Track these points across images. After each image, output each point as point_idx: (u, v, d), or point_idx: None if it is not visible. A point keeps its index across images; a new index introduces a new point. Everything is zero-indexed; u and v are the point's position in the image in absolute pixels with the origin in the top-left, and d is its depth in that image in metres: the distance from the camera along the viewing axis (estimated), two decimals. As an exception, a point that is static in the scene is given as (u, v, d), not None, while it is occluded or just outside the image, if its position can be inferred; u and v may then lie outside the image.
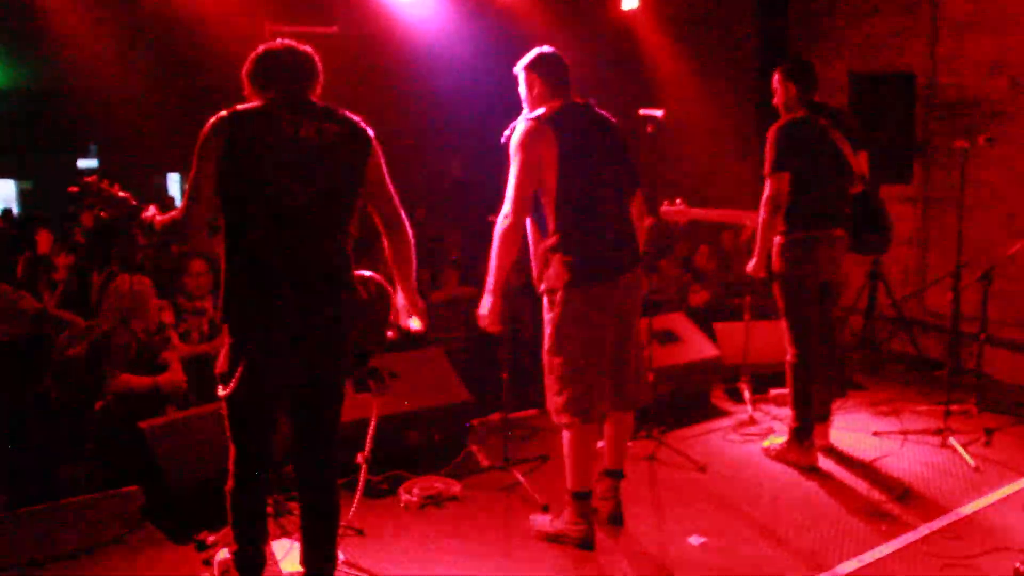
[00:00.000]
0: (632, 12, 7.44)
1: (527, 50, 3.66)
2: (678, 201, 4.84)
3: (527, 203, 3.45)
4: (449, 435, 4.62)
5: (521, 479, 4.26)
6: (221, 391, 2.74)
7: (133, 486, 3.94)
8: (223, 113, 2.68)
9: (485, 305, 3.58)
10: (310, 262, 2.72)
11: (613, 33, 7.88)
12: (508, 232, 3.46)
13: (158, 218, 2.84)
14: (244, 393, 2.70)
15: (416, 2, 6.51)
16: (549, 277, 3.51)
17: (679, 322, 5.78)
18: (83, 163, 15.63)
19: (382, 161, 2.92)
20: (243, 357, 2.68)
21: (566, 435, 3.54)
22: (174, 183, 16.36)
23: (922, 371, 6.37)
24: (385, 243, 3.02)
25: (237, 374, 2.66)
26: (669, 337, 5.52)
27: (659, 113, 4.34)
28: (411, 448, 4.46)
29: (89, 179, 2.95)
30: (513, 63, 3.66)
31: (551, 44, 3.67)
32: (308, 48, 2.87)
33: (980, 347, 5.15)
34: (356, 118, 2.87)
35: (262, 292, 2.67)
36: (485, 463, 4.51)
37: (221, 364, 2.76)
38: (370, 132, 2.87)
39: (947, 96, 6.56)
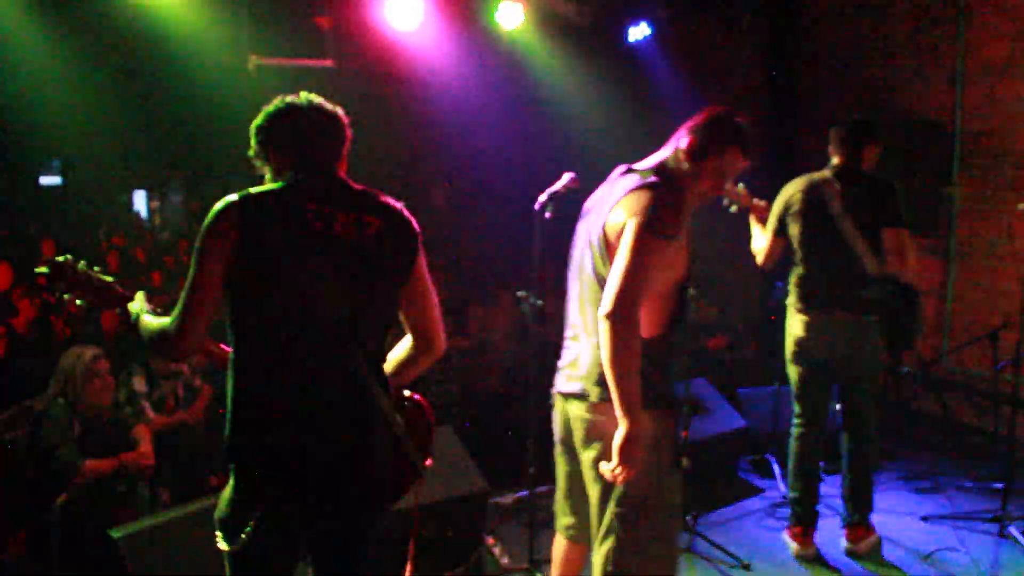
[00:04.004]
0: (639, 49, 7.05)
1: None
2: (742, 186, 4.32)
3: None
4: (464, 528, 4.09)
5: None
6: (223, 544, 2.17)
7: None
8: (233, 198, 2.09)
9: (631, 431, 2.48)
10: (342, 391, 2.16)
11: (620, 68, 7.47)
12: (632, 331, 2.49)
13: (145, 318, 2.28)
14: (255, 548, 2.14)
15: (412, 34, 6.06)
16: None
17: (702, 388, 5.33)
18: (45, 180, 14.87)
19: (425, 262, 2.35)
20: (256, 505, 2.12)
21: None
22: (140, 200, 15.71)
23: (955, 436, 6.00)
24: (403, 348, 2.45)
25: (248, 526, 2.10)
26: (694, 406, 5.07)
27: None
28: (421, 546, 3.93)
29: (61, 259, 2.39)
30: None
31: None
32: (338, 110, 2.32)
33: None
34: (399, 206, 2.29)
35: (282, 428, 2.11)
36: (506, 562, 4.00)
37: (222, 509, 2.18)
38: (416, 226, 2.31)
39: (977, 144, 6.21)
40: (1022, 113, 5.92)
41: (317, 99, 2.30)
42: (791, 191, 4.09)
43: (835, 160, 4.06)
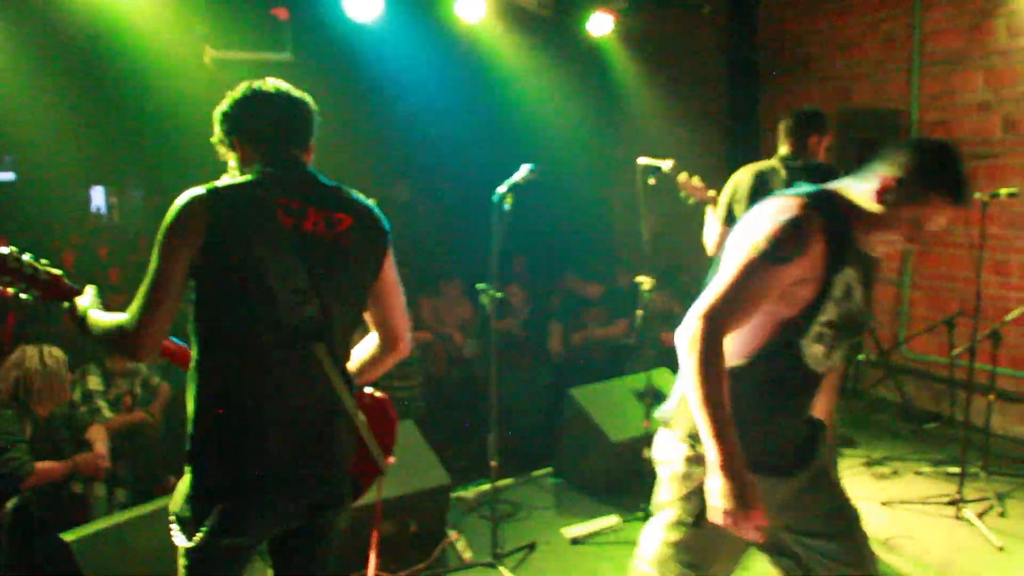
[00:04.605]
0: (602, 39, 7.03)
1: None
2: (696, 178, 4.34)
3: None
4: (426, 523, 4.07)
5: (511, 578, 3.77)
6: (180, 539, 2.11)
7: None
8: (199, 191, 2.01)
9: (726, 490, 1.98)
10: (308, 389, 2.11)
11: (581, 60, 7.45)
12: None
13: (96, 314, 2.17)
14: (213, 546, 2.06)
15: (372, 26, 5.99)
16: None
17: (665, 380, 5.33)
18: (-3, 176, 14.53)
19: (394, 262, 2.30)
20: (215, 503, 2.05)
21: None
22: (98, 195, 15.40)
23: (912, 422, 6.09)
24: (368, 347, 2.40)
25: (206, 524, 2.04)
26: (658, 398, 5.07)
27: (667, 165, 3.88)
28: (383, 541, 3.90)
29: (5, 251, 2.28)
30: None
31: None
32: (307, 97, 2.24)
33: (989, 406, 4.84)
34: (370, 203, 2.23)
35: (246, 432, 2.05)
36: (468, 556, 3.98)
37: (179, 504, 2.12)
38: (385, 224, 2.25)
39: (932, 134, 6.28)
40: (975, 104, 6.00)
41: (285, 85, 2.22)
42: (738, 178, 4.12)
43: (782, 150, 4.12)
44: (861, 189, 2.12)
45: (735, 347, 2.13)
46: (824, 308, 2.09)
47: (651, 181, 3.96)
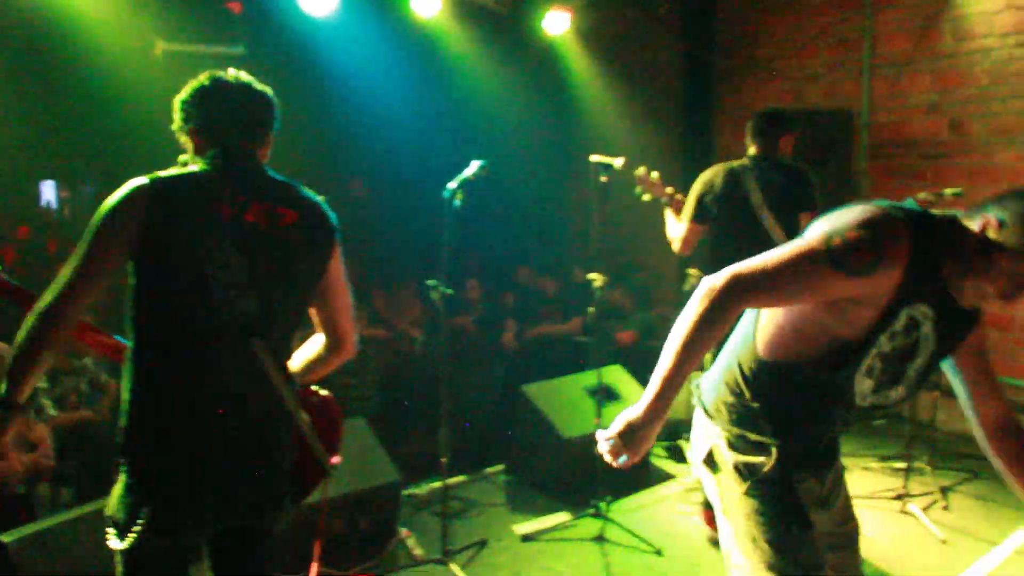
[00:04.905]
0: (557, 38, 7.05)
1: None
2: (655, 174, 4.37)
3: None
4: (377, 521, 4.05)
5: (461, 575, 3.75)
6: (114, 542, 2.06)
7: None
8: (142, 180, 1.98)
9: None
10: (246, 386, 2.07)
11: (537, 57, 7.46)
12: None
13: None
14: (147, 547, 2.02)
15: (327, 20, 5.94)
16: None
17: (617, 376, 5.37)
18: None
19: (342, 259, 2.27)
20: (148, 502, 2.01)
21: None
22: (49, 190, 15.08)
23: (861, 418, 6.16)
24: (313, 346, 2.37)
25: (139, 524, 2.00)
26: (609, 394, 5.10)
27: (618, 162, 3.89)
28: (333, 539, 3.87)
29: None
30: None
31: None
32: (268, 91, 2.21)
33: (935, 403, 4.94)
34: (318, 200, 2.20)
35: (181, 427, 2.02)
36: (419, 553, 3.97)
37: (113, 506, 2.07)
38: (333, 221, 2.22)
39: (885, 135, 6.39)
40: (924, 105, 6.12)
41: (247, 78, 2.20)
42: (710, 177, 4.15)
43: (752, 150, 4.16)
44: (966, 227, 1.91)
45: (790, 345, 2.03)
46: (879, 339, 1.93)
47: (603, 178, 3.96)
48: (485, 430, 5.74)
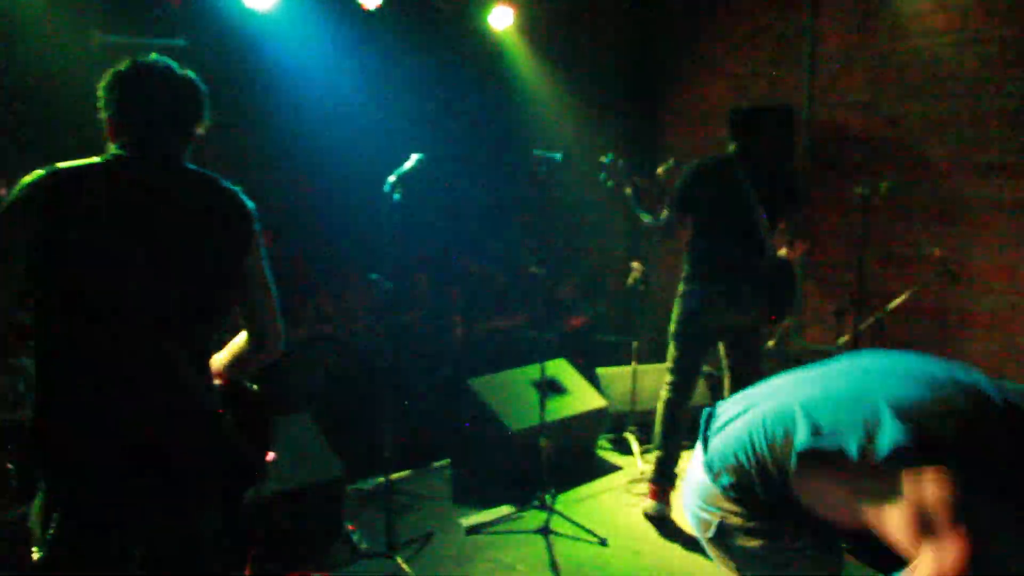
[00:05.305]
0: (502, 31, 7.05)
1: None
2: (622, 162, 4.39)
3: None
4: (321, 516, 4.03)
5: (406, 568, 3.75)
6: (34, 554, 1.97)
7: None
8: (39, 172, 1.92)
9: None
10: (155, 385, 2.01)
11: (481, 52, 7.45)
12: None
13: None
14: (63, 558, 1.94)
15: (269, 14, 5.88)
16: None
17: (563, 369, 5.41)
18: None
19: (263, 252, 2.21)
20: (63, 509, 1.94)
21: None
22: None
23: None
24: (238, 343, 2.29)
25: (51, 531, 1.93)
26: (554, 387, 5.14)
27: (557, 157, 3.93)
28: (279, 535, 3.85)
29: None
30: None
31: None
32: (196, 81, 2.13)
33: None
34: (234, 190, 2.14)
35: (90, 423, 1.95)
36: (364, 548, 3.96)
37: (32, 515, 1.99)
38: (251, 212, 2.17)
39: (825, 133, 6.52)
40: (862, 102, 6.25)
41: (171, 64, 2.12)
42: (695, 168, 4.28)
43: (732, 147, 4.31)
44: None
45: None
46: None
47: (543, 172, 4.00)
48: (431, 424, 5.74)
